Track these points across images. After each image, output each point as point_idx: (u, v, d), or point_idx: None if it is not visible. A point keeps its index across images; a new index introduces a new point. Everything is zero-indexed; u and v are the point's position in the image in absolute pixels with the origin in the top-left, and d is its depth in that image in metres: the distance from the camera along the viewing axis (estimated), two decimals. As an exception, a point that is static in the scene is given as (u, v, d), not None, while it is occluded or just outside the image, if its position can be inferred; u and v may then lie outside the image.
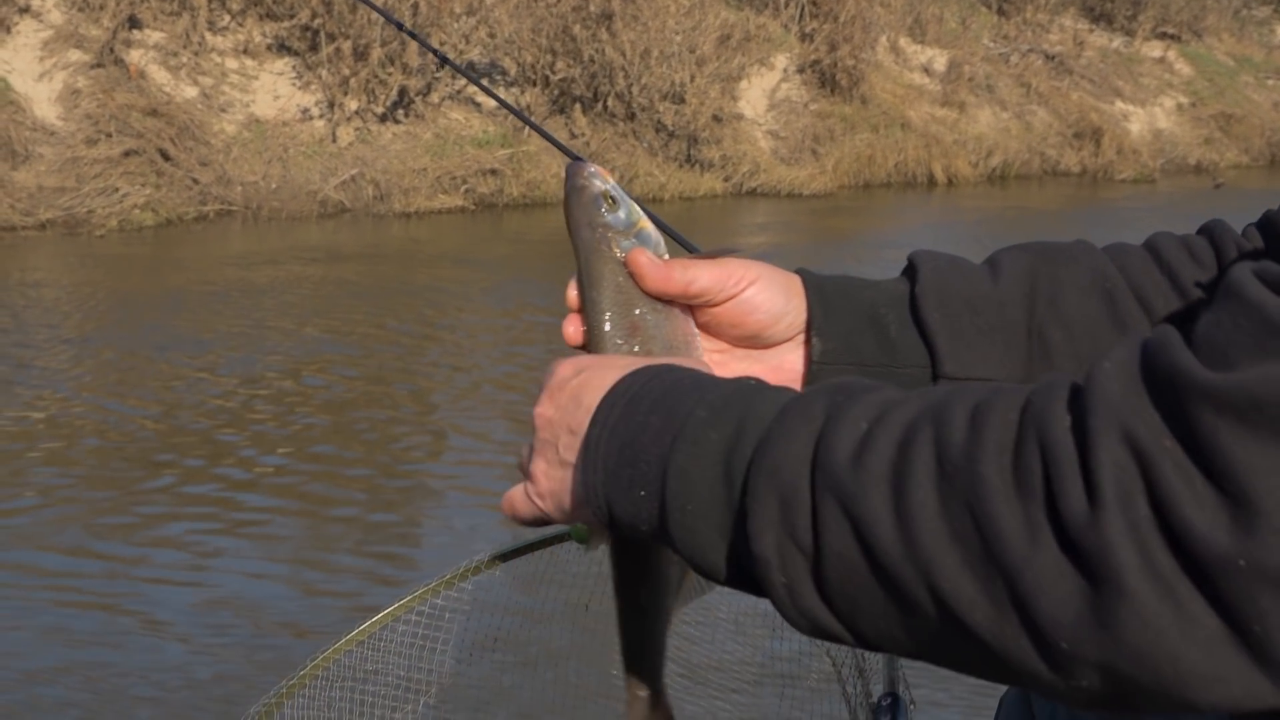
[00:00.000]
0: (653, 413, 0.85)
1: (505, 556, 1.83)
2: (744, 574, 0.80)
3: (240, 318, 7.95)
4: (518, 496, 0.98)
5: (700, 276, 1.06)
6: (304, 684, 1.79)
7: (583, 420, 0.91)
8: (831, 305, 1.10)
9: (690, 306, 1.08)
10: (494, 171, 12.16)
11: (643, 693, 1.08)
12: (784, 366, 1.11)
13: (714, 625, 1.92)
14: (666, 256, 1.07)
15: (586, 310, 1.06)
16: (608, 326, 1.05)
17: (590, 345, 1.06)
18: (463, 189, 12.05)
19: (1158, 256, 1.13)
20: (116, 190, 10.77)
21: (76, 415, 6.03)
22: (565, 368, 0.97)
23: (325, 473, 5.33)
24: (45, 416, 6.01)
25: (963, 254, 1.09)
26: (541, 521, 0.98)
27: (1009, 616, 0.68)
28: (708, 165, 13.13)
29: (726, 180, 13.18)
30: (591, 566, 1.80)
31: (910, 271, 1.12)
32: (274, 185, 11.49)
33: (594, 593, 1.83)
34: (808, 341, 1.10)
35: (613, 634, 1.14)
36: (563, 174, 1.09)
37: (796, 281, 1.11)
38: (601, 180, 1.06)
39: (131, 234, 10.52)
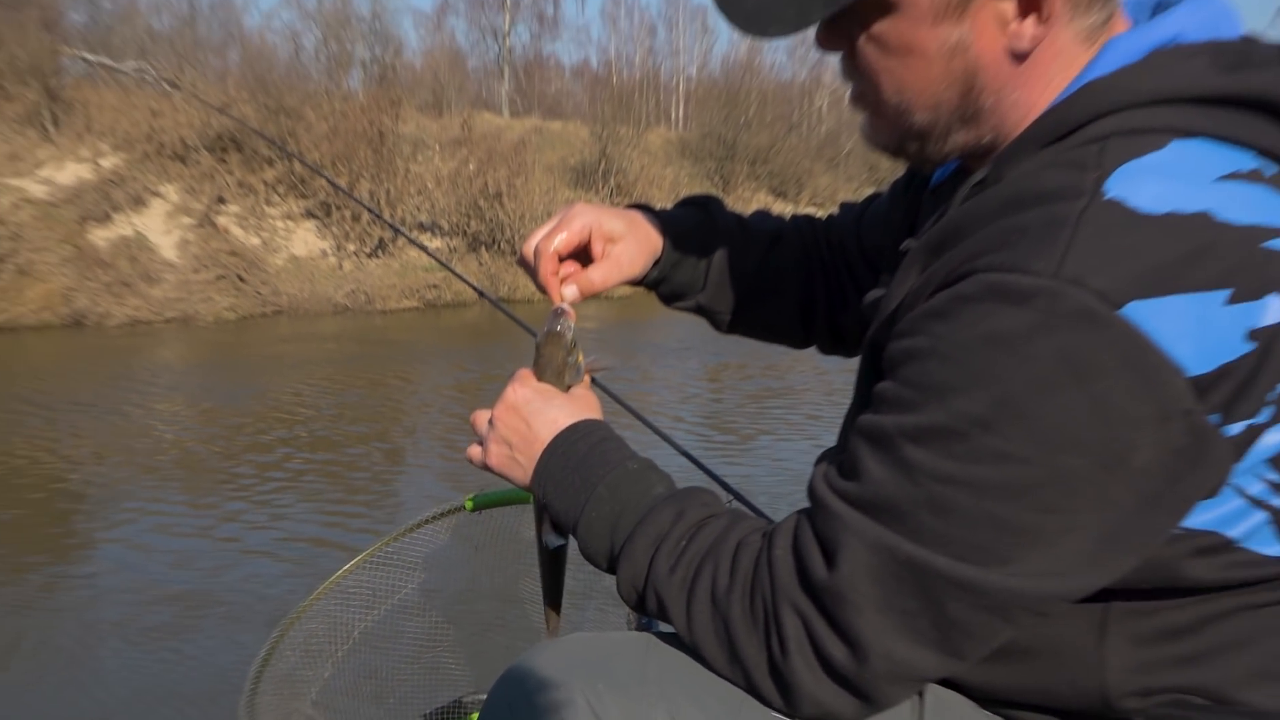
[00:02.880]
0: (576, 472, 1.15)
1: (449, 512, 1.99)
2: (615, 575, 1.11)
3: (287, 376, 9.11)
4: (476, 454, 1.25)
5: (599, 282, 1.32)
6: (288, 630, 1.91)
7: (533, 444, 1.19)
8: (678, 247, 1.41)
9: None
10: (435, 286, 14.14)
11: (555, 614, 1.43)
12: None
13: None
14: (583, 362, 1.26)
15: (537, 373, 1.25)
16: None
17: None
18: (417, 295, 14.08)
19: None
20: (211, 299, 12.93)
21: (176, 436, 6.86)
22: (518, 391, 1.22)
23: (333, 473, 5.94)
24: (159, 438, 6.79)
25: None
26: (489, 471, 1.22)
27: (740, 681, 1.04)
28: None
29: (599, 297, 12.65)
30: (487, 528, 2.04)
31: (708, 219, 1.43)
32: (305, 295, 13.57)
33: (485, 541, 2.05)
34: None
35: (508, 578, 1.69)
36: (548, 314, 1.27)
37: (656, 239, 1.39)
38: (571, 330, 1.26)
39: (222, 325, 12.42)
